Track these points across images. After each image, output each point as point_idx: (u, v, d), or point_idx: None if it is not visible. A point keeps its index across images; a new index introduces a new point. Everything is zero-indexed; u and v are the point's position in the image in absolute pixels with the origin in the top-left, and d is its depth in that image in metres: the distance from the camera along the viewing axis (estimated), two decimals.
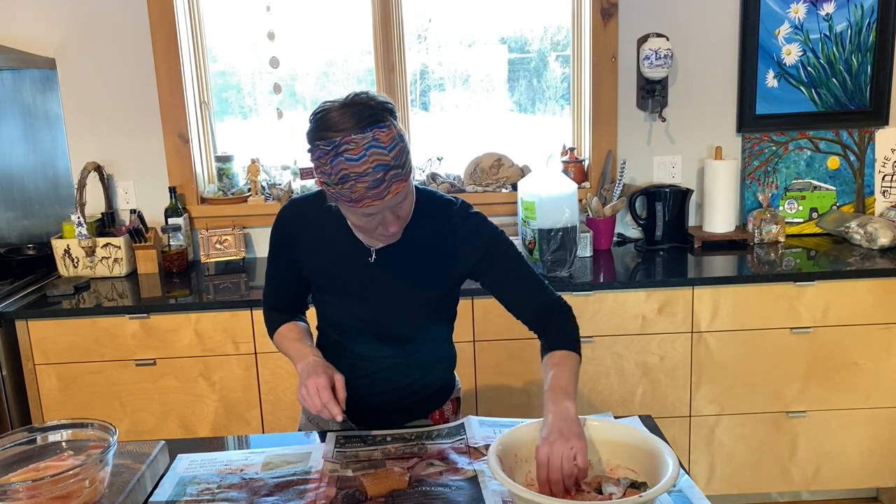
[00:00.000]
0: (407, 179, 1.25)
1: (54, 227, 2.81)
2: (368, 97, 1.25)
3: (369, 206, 1.23)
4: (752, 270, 2.44)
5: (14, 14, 2.72)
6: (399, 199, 1.26)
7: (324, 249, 1.46)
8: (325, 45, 2.94)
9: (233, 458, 1.41)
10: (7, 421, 2.32)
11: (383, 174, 1.21)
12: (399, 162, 1.22)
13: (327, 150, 1.21)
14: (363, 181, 1.20)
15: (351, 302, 1.47)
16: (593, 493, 1.17)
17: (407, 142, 1.27)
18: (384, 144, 1.21)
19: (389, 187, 1.22)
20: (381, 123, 1.22)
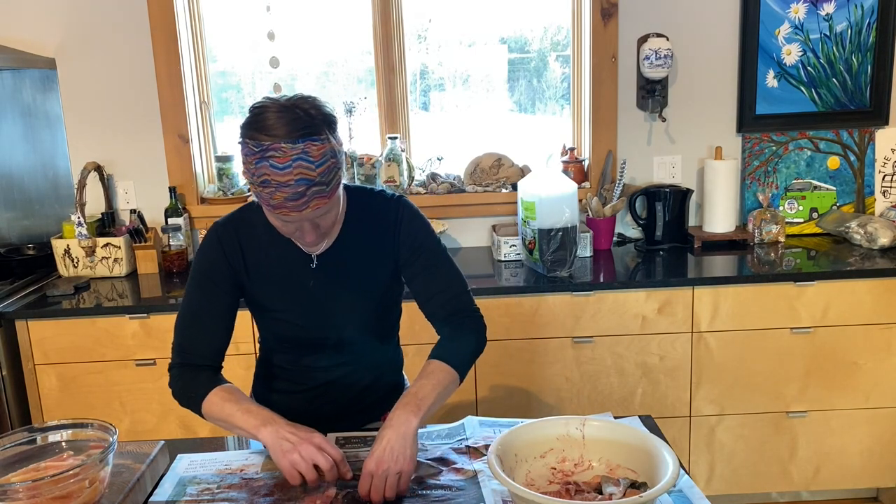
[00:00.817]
0: (330, 197, 1.23)
1: (54, 227, 2.81)
2: (312, 105, 1.23)
3: (286, 216, 1.23)
4: (752, 270, 2.44)
5: (14, 14, 2.72)
6: (318, 213, 1.25)
7: (265, 263, 1.42)
8: (325, 45, 2.94)
9: (233, 458, 1.41)
10: (7, 421, 2.32)
11: (305, 188, 1.19)
12: (325, 179, 1.20)
13: (255, 151, 1.20)
14: (283, 191, 1.18)
15: (298, 312, 1.45)
16: (593, 493, 1.17)
17: (341, 157, 1.25)
18: (313, 159, 1.19)
19: (310, 202, 1.20)
20: (316, 137, 1.19)
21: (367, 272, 1.46)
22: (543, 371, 2.42)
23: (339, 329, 1.48)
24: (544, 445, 1.25)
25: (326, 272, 1.44)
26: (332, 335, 1.48)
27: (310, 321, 1.46)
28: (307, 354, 1.51)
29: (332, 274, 1.44)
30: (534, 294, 2.37)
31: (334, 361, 1.51)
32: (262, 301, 1.46)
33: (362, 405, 1.57)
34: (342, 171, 1.27)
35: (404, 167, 2.81)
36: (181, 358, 1.42)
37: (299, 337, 1.49)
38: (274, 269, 1.43)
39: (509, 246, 2.65)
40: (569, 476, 1.23)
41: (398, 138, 2.80)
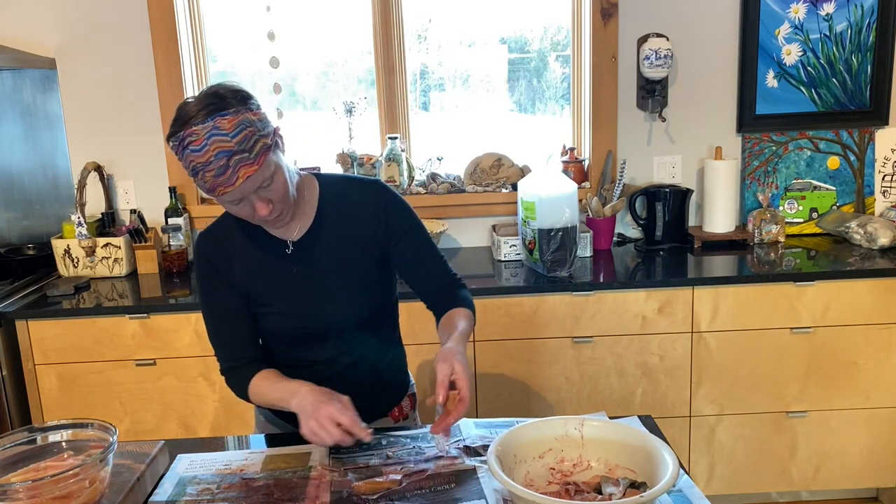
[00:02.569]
0: (258, 164, 1.25)
1: (54, 227, 2.81)
2: (220, 86, 1.28)
3: (225, 194, 1.26)
4: (752, 270, 2.44)
5: (14, 14, 2.72)
6: (254, 183, 1.26)
7: (245, 260, 1.46)
8: (325, 45, 2.94)
9: (233, 458, 1.41)
10: (7, 421, 2.32)
11: (227, 160, 1.22)
12: (245, 147, 1.23)
13: (177, 146, 1.25)
14: (209, 170, 1.23)
15: (283, 301, 1.46)
16: (593, 494, 1.17)
17: (262, 126, 1.27)
18: (225, 131, 1.22)
19: (237, 172, 1.23)
20: (224, 111, 1.23)
21: (348, 256, 1.46)
22: (543, 371, 2.42)
23: (329, 318, 1.47)
24: (543, 445, 1.26)
25: (303, 257, 1.45)
26: (324, 325, 1.48)
27: (296, 309, 1.46)
28: (304, 349, 1.51)
29: (310, 258, 1.45)
30: (534, 294, 2.37)
31: (331, 355, 1.51)
32: (252, 297, 1.48)
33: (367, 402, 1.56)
34: (270, 139, 1.28)
35: (404, 167, 2.82)
36: (222, 363, 1.51)
37: (293, 329, 1.48)
38: (255, 263, 1.46)
39: (509, 246, 2.65)
40: (568, 476, 1.23)
41: (398, 138, 2.80)
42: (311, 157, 2.93)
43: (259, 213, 1.31)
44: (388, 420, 1.61)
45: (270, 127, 1.30)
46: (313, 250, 1.45)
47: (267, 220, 1.35)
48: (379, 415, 1.59)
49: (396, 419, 1.62)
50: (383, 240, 1.48)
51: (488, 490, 1.24)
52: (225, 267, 1.46)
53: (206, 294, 1.49)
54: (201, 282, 1.49)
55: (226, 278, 1.46)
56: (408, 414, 1.65)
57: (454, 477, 1.30)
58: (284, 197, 1.33)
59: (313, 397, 1.32)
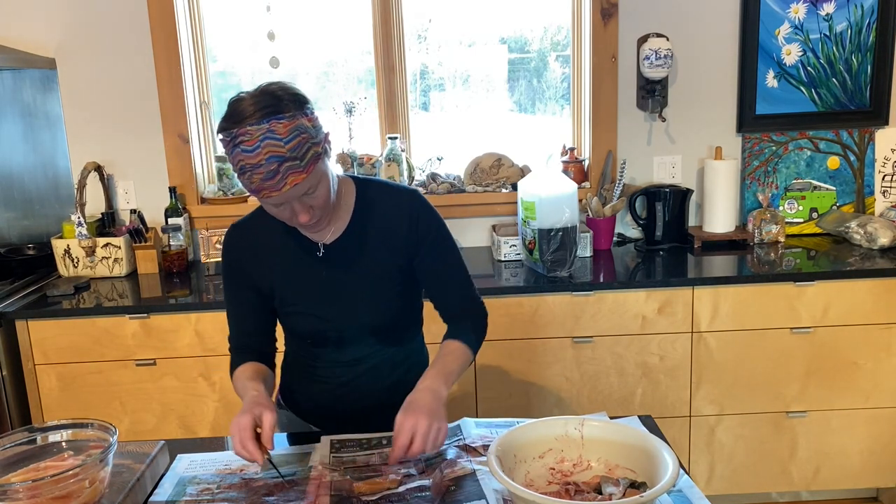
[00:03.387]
0: (307, 172, 1.25)
1: (54, 227, 2.81)
2: (279, 87, 1.26)
3: (269, 197, 1.26)
4: (752, 270, 2.44)
5: (14, 14, 2.72)
6: (300, 190, 1.26)
7: (275, 258, 1.46)
8: (325, 45, 2.94)
9: (233, 458, 1.41)
10: (7, 421, 2.32)
11: (277, 166, 1.21)
12: (297, 154, 1.22)
13: (227, 142, 1.24)
14: (258, 173, 1.22)
15: (311, 303, 1.47)
16: (593, 494, 1.17)
17: (316, 133, 1.27)
18: (279, 136, 1.21)
19: (286, 179, 1.23)
20: (281, 115, 1.22)
21: (378, 262, 1.46)
22: (543, 371, 2.42)
23: (353, 323, 1.47)
24: (543, 445, 1.25)
25: (334, 260, 1.45)
26: (348, 329, 1.48)
27: (323, 311, 1.47)
28: (326, 350, 1.51)
29: (341, 262, 1.45)
30: (534, 294, 2.37)
31: (353, 358, 1.51)
32: (276, 295, 1.48)
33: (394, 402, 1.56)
34: (321, 146, 1.28)
35: (404, 167, 2.82)
36: (230, 341, 1.55)
37: (318, 330, 1.49)
38: (284, 261, 1.46)
39: (509, 246, 2.65)
40: (568, 476, 1.23)
41: (398, 138, 2.80)
42: None
43: (300, 219, 1.31)
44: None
45: (322, 133, 1.30)
46: (345, 255, 1.45)
47: (305, 226, 1.35)
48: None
49: None
50: (411, 248, 1.47)
51: (488, 491, 1.24)
52: (251, 262, 1.47)
53: (228, 282, 1.52)
54: (225, 270, 1.51)
55: (250, 273, 1.47)
56: None
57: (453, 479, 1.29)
58: (325, 204, 1.34)
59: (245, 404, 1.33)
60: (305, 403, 1.60)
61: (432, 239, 1.48)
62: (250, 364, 1.49)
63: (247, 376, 1.45)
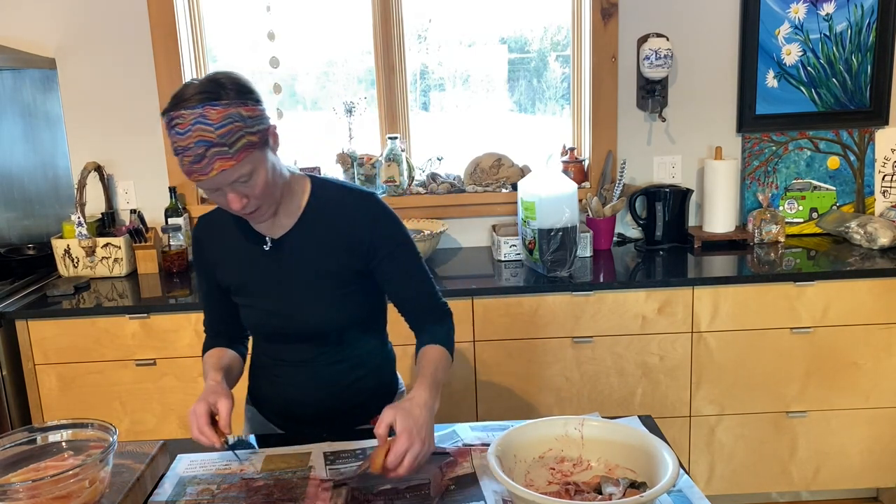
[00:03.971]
0: (236, 159, 1.25)
1: (54, 227, 2.81)
2: (224, 75, 1.29)
3: (199, 181, 1.28)
4: (752, 270, 2.44)
5: (14, 14, 2.72)
6: (229, 176, 1.27)
7: (230, 249, 1.50)
8: (325, 45, 2.94)
9: (233, 458, 1.41)
10: (7, 421, 2.32)
11: (205, 150, 1.23)
12: (226, 140, 1.23)
13: (166, 124, 1.27)
14: (188, 156, 1.24)
15: (258, 297, 1.49)
16: (593, 493, 1.17)
17: (251, 123, 1.27)
18: (211, 122, 1.22)
19: (213, 164, 1.24)
20: (217, 101, 1.24)
21: (329, 261, 1.45)
22: (543, 371, 2.42)
23: (304, 321, 1.47)
24: (543, 446, 1.26)
25: (281, 255, 1.46)
26: (299, 327, 1.48)
27: (269, 305, 1.48)
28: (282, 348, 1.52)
29: (288, 257, 1.46)
30: (534, 294, 2.37)
31: (308, 357, 1.51)
32: (229, 286, 1.52)
33: (349, 405, 1.56)
34: (258, 137, 1.28)
35: (404, 167, 2.82)
36: (205, 328, 1.65)
37: (269, 326, 1.50)
38: (236, 253, 1.49)
39: (509, 246, 2.65)
40: (568, 476, 1.23)
41: (398, 138, 2.80)
42: (311, 157, 2.93)
43: (231, 205, 1.32)
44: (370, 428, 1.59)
45: (264, 125, 1.30)
46: (292, 251, 1.45)
47: (242, 214, 1.37)
48: (361, 421, 1.57)
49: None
50: (367, 253, 1.46)
51: (487, 492, 1.24)
52: (212, 253, 1.52)
53: (197, 271, 1.59)
54: (194, 260, 1.58)
55: (213, 263, 1.52)
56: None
57: (454, 479, 1.29)
58: (263, 195, 1.33)
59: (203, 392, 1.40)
60: (265, 403, 1.62)
61: (392, 243, 1.47)
62: (218, 350, 1.56)
63: (211, 363, 1.51)
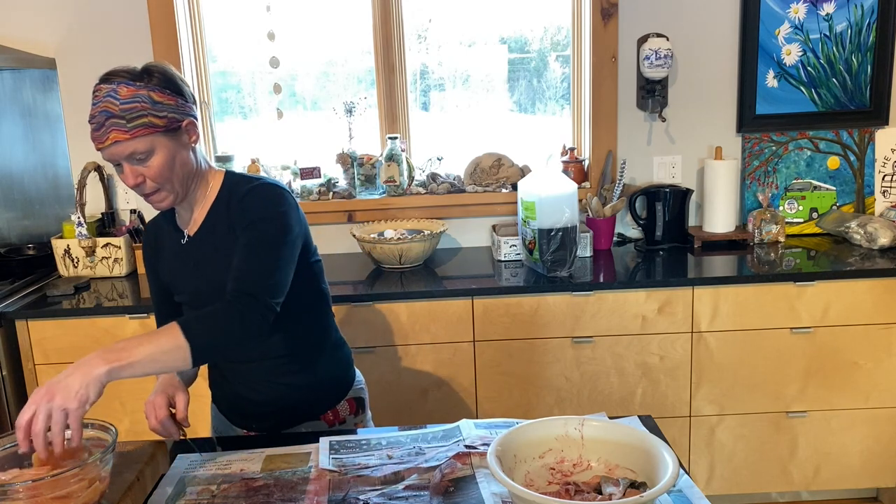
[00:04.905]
0: (131, 134, 1.32)
1: (54, 227, 2.81)
2: (159, 65, 1.40)
3: (99, 148, 1.35)
4: (752, 270, 2.44)
5: (14, 14, 2.72)
6: (122, 149, 1.33)
7: (164, 249, 1.55)
8: (325, 45, 2.94)
9: (233, 458, 1.41)
10: (7, 421, 2.32)
11: (104, 119, 1.32)
12: (126, 115, 1.32)
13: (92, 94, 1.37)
14: (92, 123, 1.34)
15: (185, 291, 1.52)
16: (593, 493, 1.17)
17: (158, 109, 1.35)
18: (120, 97, 1.32)
19: (108, 133, 1.32)
20: (132, 82, 1.35)
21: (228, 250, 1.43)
22: (543, 371, 2.42)
23: None
24: (543, 446, 1.25)
25: (196, 249, 1.49)
26: None
27: (196, 301, 1.50)
28: None
29: (200, 250, 1.49)
30: (534, 294, 2.37)
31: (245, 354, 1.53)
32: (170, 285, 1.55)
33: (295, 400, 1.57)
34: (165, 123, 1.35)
35: (404, 167, 2.82)
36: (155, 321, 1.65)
37: None
38: (167, 251, 1.55)
39: (509, 246, 2.65)
40: (568, 476, 1.23)
41: (398, 138, 2.80)
42: (311, 157, 2.93)
43: (125, 180, 1.38)
44: (321, 424, 1.59)
45: (175, 114, 1.37)
46: (203, 244, 1.48)
47: (141, 194, 1.41)
48: (310, 417, 1.58)
49: (331, 423, 1.60)
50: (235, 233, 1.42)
51: (486, 494, 1.24)
52: (153, 253, 1.58)
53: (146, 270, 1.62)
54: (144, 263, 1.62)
55: (154, 263, 1.58)
56: (345, 418, 1.62)
57: (453, 481, 1.29)
58: (159, 177, 1.38)
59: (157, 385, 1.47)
60: (222, 402, 1.65)
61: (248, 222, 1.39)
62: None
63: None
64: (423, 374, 2.42)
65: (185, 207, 1.50)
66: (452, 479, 1.30)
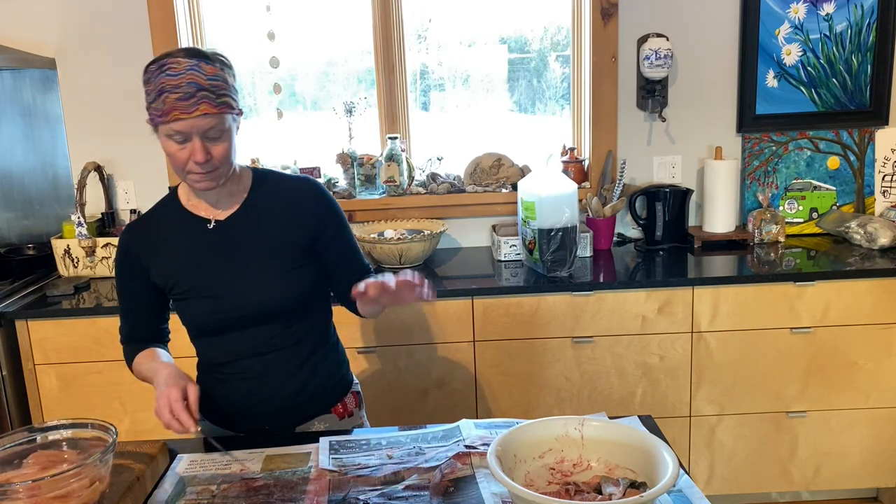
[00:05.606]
0: (218, 110, 1.33)
1: (54, 227, 2.81)
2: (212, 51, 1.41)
3: (177, 120, 1.31)
4: (752, 270, 2.44)
5: (14, 14, 2.72)
6: (206, 123, 1.33)
7: (170, 244, 1.50)
8: (325, 45, 2.94)
9: (233, 458, 1.41)
10: (7, 421, 2.32)
11: (195, 90, 1.31)
12: (214, 90, 1.33)
13: (154, 71, 1.33)
14: (175, 93, 1.30)
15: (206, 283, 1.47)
16: (593, 493, 1.17)
17: (232, 92, 1.39)
18: (205, 73, 1.33)
19: (199, 105, 1.31)
20: (209, 61, 1.35)
21: (275, 239, 1.48)
22: (543, 371, 2.42)
23: (259, 294, 1.47)
24: (543, 446, 1.25)
25: (226, 236, 1.48)
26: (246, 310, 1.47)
27: (219, 291, 1.47)
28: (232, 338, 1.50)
29: (232, 239, 1.48)
30: (534, 294, 2.37)
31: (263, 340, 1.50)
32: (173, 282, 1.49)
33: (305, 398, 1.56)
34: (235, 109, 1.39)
35: (404, 167, 2.82)
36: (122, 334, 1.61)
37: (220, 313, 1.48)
38: (178, 245, 1.50)
39: (509, 246, 2.65)
40: (568, 476, 1.23)
41: (398, 138, 2.80)
42: (310, 157, 2.93)
43: (197, 156, 1.35)
44: (332, 417, 1.61)
45: (238, 103, 1.42)
46: (238, 230, 1.48)
47: (198, 171, 1.38)
48: (321, 411, 1.59)
49: (341, 416, 1.62)
50: (313, 229, 1.51)
51: (486, 493, 1.24)
52: (147, 258, 1.50)
53: (121, 278, 1.55)
54: (119, 266, 1.54)
55: (144, 266, 1.51)
56: (353, 411, 1.65)
57: (453, 481, 1.30)
58: (223, 159, 1.39)
59: (165, 379, 1.40)
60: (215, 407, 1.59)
61: (336, 221, 1.55)
62: (148, 350, 1.55)
63: (149, 358, 1.52)
64: (423, 374, 2.42)
65: (211, 193, 1.48)
66: (452, 479, 1.30)
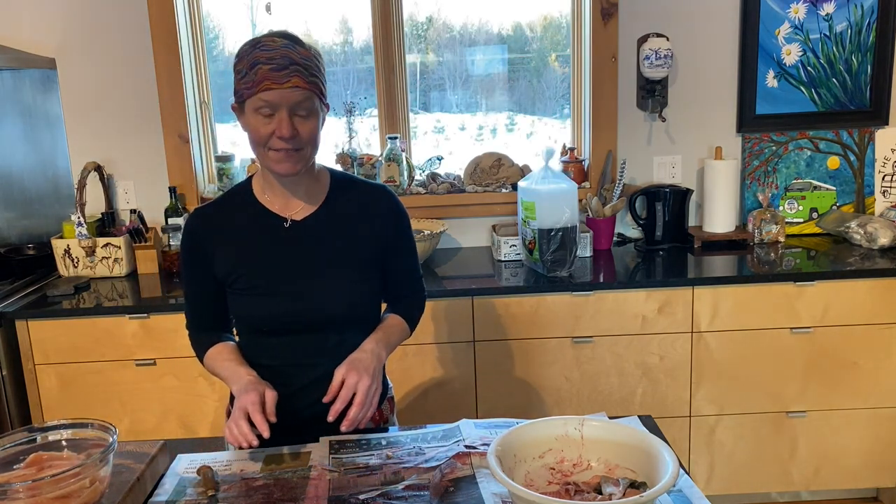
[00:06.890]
0: (309, 86, 1.34)
1: (54, 227, 2.81)
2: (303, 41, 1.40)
3: (268, 90, 1.31)
4: (752, 270, 2.44)
5: (14, 14, 2.72)
6: (297, 96, 1.33)
7: (239, 236, 1.48)
8: (325, 45, 2.94)
9: (233, 458, 1.41)
10: (7, 421, 2.32)
11: (289, 63, 1.32)
12: (307, 66, 1.34)
13: (248, 49, 1.35)
14: (269, 63, 1.31)
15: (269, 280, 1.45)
16: (593, 493, 1.17)
17: (324, 78, 1.40)
18: (298, 52, 1.34)
19: (291, 77, 1.31)
20: (305, 47, 1.35)
21: (349, 248, 1.48)
22: (543, 371, 2.42)
23: (323, 300, 1.46)
24: (543, 446, 1.25)
25: (301, 236, 1.47)
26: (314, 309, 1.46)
27: (286, 287, 1.45)
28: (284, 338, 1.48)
29: (307, 240, 1.47)
30: (534, 294, 2.37)
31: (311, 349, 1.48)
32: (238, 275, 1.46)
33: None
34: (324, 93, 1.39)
35: (404, 167, 2.82)
36: (190, 322, 1.60)
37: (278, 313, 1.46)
38: (248, 237, 1.48)
39: (509, 246, 2.65)
40: (568, 476, 1.23)
41: (398, 138, 2.80)
42: None
43: (283, 130, 1.34)
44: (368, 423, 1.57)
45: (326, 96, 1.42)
46: (314, 232, 1.47)
47: (282, 147, 1.37)
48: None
49: (377, 423, 1.60)
50: (386, 245, 1.52)
51: (486, 493, 1.24)
52: (211, 246, 1.48)
53: (189, 266, 1.54)
54: (185, 254, 1.53)
55: (209, 254, 1.48)
56: (388, 418, 1.64)
57: (452, 481, 1.29)
58: (309, 139, 1.39)
59: (244, 387, 1.37)
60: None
61: (407, 238, 1.58)
62: (224, 344, 1.54)
63: (227, 357, 1.50)
64: (423, 374, 2.42)
65: (289, 185, 1.47)
66: (452, 479, 1.30)
